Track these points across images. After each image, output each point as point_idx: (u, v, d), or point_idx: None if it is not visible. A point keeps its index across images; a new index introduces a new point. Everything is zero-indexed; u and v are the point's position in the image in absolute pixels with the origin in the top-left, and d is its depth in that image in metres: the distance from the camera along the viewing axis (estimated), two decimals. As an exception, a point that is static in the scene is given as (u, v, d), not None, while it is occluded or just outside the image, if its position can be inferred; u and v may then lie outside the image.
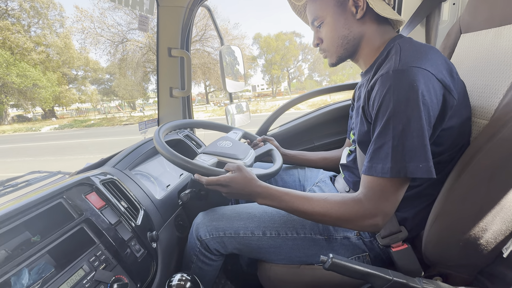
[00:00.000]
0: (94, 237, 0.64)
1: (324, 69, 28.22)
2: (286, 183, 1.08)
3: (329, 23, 0.71)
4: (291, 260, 0.79)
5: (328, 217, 0.63)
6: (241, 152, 0.91)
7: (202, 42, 17.56)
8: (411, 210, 0.69)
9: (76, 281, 0.56)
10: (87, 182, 0.70)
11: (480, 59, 0.72)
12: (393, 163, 0.55)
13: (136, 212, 0.76)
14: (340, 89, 1.34)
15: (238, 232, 0.78)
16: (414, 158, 0.54)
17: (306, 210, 0.65)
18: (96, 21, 17.44)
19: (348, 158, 0.86)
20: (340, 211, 0.62)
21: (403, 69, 0.55)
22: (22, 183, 0.85)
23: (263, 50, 27.80)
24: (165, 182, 1.05)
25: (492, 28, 0.71)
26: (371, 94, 0.61)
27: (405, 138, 0.54)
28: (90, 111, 24.07)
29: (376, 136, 0.58)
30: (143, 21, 1.16)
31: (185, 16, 1.24)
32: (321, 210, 0.64)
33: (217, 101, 26.00)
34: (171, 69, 1.32)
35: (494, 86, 0.64)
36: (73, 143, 10.15)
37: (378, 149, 0.58)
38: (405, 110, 0.54)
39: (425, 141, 0.54)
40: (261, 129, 1.40)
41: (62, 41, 18.36)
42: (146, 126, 1.32)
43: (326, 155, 1.11)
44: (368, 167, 0.59)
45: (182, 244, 0.90)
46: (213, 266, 0.84)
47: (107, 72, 23.09)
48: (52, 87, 17.56)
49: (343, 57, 0.76)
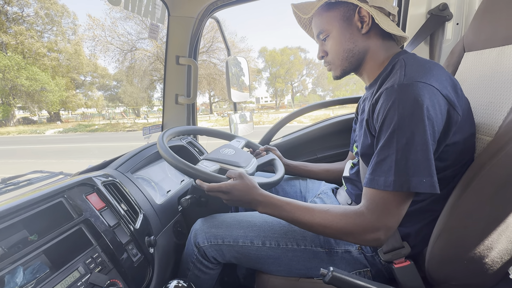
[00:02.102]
0: (92, 239, 0.63)
1: (328, 84, 28.54)
2: (287, 193, 1.07)
3: (334, 36, 0.73)
4: (290, 272, 0.77)
5: (329, 229, 0.62)
6: (244, 160, 0.91)
7: (209, 54, 17.97)
8: (414, 226, 0.67)
9: (71, 282, 0.55)
10: (89, 182, 0.70)
11: (483, 77, 0.73)
12: (396, 177, 0.55)
13: (136, 215, 0.76)
14: (344, 103, 1.35)
15: (237, 240, 0.76)
16: (417, 172, 0.54)
17: (307, 221, 0.64)
18: (107, 29, 17.99)
19: (351, 171, 0.85)
20: (341, 224, 0.61)
21: (408, 84, 0.56)
22: (23, 182, 0.85)
23: (268, 63, 28.32)
24: (166, 188, 1.04)
25: (495, 48, 0.72)
26: (375, 107, 0.61)
27: (408, 151, 0.54)
28: (95, 116, 24.36)
29: (380, 149, 0.58)
30: (154, 30, 1.20)
31: (195, 26, 1.28)
32: (322, 222, 0.62)
33: (220, 111, 26.24)
34: (178, 76, 1.35)
35: (498, 104, 0.64)
36: (76, 147, 10.21)
37: (381, 162, 0.57)
38: (409, 123, 0.54)
39: (429, 155, 0.54)
40: (264, 139, 1.41)
41: (73, 48, 18.87)
42: (150, 132, 1.33)
43: (329, 167, 1.10)
44: (370, 179, 0.59)
45: (179, 251, 0.89)
46: (210, 275, 0.82)
47: (114, 79, 23.55)
48: (60, 92, 17.88)
49: (347, 70, 0.77)
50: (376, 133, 0.61)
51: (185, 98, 1.37)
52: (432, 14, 1.06)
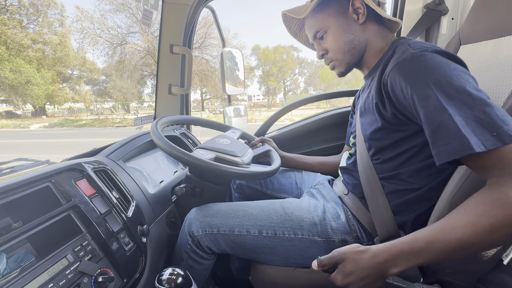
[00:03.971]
0: (81, 226, 0.60)
1: (320, 84, 28.74)
2: (282, 185, 1.07)
3: (332, 31, 0.73)
4: (286, 262, 0.76)
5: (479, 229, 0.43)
6: (239, 150, 0.90)
7: (201, 50, 17.73)
8: (411, 214, 0.68)
9: (58, 270, 0.52)
10: (78, 167, 0.66)
11: (479, 69, 0.74)
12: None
13: (128, 204, 0.73)
14: (341, 95, 1.35)
15: (233, 229, 0.75)
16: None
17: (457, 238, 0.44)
18: (96, 22, 17.45)
19: (348, 161, 0.85)
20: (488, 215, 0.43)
21: (422, 53, 0.55)
22: (6, 170, 0.80)
23: (261, 61, 28.25)
24: (159, 178, 1.01)
25: (492, 40, 0.73)
26: (388, 87, 0.59)
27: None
28: (83, 111, 23.68)
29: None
30: (147, 16, 1.16)
31: (189, 14, 1.24)
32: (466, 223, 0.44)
33: (212, 108, 26.03)
34: (172, 66, 1.31)
35: (495, 94, 0.65)
36: (63, 142, 9.90)
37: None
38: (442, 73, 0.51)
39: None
40: (259, 131, 1.39)
41: (59, 39, 18.21)
42: (142, 122, 1.29)
43: (324, 159, 1.10)
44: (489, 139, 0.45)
45: (172, 242, 0.86)
46: (204, 265, 0.80)
47: (103, 73, 22.92)
48: (46, 85, 17.25)
49: (351, 64, 0.77)
50: (408, 108, 0.56)
51: (179, 89, 1.34)
52: (429, 8, 1.07)
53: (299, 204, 0.79)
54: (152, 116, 1.35)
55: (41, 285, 0.48)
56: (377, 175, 0.70)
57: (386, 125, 0.64)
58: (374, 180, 0.71)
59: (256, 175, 0.81)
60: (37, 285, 0.48)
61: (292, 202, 0.81)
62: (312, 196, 0.86)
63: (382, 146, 0.68)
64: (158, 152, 1.15)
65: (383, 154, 0.69)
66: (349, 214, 0.76)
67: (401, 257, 0.48)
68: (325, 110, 1.41)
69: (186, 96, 1.40)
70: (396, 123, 0.62)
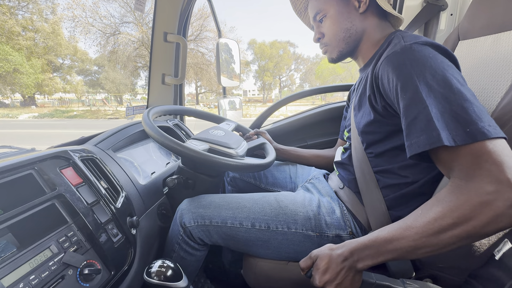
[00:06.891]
0: (67, 216, 0.57)
1: (315, 80, 28.74)
2: (276, 179, 1.05)
3: (331, 16, 0.73)
4: (279, 256, 0.75)
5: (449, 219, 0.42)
6: (234, 142, 0.88)
7: (196, 42, 17.44)
8: (405, 209, 0.67)
9: (41, 262, 0.49)
10: (64, 155, 0.63)
11: (478, 64, 0.73)
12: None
13: (117, 194, 0.70)
14: (336, 90, 1.34)
15: (226, 221, 0.73)
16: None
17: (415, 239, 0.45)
18: (88, 10, 16.94)
19: (343, 156, 0.84)
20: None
21: (411, 45, 0.54)
22: (-11, 157, 0.76)
23: (257, 56, 28.02)
24: (150, 170, 0.99)
25: (490, 35, 0.72)
26: (379, 79, 0.59)
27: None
28: (74, 102, 23.16)
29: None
30: (141, 1, 1.11)
31: (185, 1, 1.20)
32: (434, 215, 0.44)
33: (207, 102, 25.79)
34: (166, 54, 1.27)
35: (493, 89, 0.65)
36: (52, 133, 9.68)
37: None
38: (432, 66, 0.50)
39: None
40: (255, 124, 1.37)
41: (50, 27, 17.64)
42: (134, 112, 1.26)
43: (319, 152, 1.09)
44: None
45: (163, 235, 0.84)
46: (196, 257, 0.78)
47: (95, 63, 22.37)
48: (35, 74, 16.75)
49: (344, 52, 0.77)
50: (393, 99, 0.55)
51: (173, 78, 1.30)
52: (428, 3, 1.06)
53: (293, 198, 0.78)
54: (145, 106, 1.32)
55: (21, 277, 0.46)
56: (372, 169, 0.70)
57: (378, 118, 0.63)
58: (369, 174, 0.70)
59: (251, 167, 0.79)
60: (17, 276, 0.45)
61: (286, 195, 0.79)
62: (307, 190, 0.85)
63: (375, 139, 0.67)
64: (150, 142, 1.11)
65: (376, 148, 0.68)
66: (344, 209, 0.75)
67: (366, 251, 0.49)
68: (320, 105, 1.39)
69: (180, 86, 1.36)
70: (387, 116, 0.61)
